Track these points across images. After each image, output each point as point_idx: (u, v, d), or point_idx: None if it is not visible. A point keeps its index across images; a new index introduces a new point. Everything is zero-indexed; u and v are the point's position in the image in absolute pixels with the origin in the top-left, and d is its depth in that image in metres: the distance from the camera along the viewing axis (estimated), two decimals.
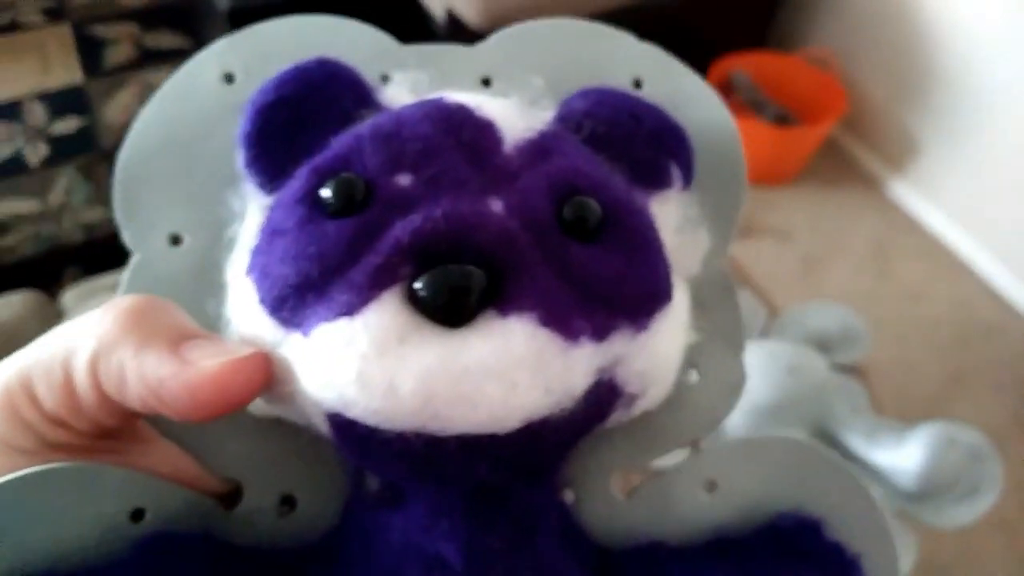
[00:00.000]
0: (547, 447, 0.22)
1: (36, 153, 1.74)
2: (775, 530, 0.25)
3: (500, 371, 0.19)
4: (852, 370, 0.87)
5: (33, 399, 0.21)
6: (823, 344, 0.85)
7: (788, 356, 0.77)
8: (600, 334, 0.21)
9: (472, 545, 0.21)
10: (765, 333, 0.89)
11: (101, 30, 1.96)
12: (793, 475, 0.25)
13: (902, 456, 0.77)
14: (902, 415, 0.82)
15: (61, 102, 1.80)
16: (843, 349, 0.87)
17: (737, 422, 0.76)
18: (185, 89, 0.27)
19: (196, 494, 0.23)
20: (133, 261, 0.26)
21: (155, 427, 0.25)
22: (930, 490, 0.77)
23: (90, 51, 1.88)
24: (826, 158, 2.07)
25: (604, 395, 0.22)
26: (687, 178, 0.26)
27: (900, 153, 1.99)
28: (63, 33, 2.08)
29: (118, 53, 1.85)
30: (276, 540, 0.24)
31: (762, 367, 0.77)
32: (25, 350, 0.21)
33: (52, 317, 1.06)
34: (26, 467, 0.21)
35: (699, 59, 1.92)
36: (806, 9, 2.09)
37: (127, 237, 0.26)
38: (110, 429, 0.23)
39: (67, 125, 1.78)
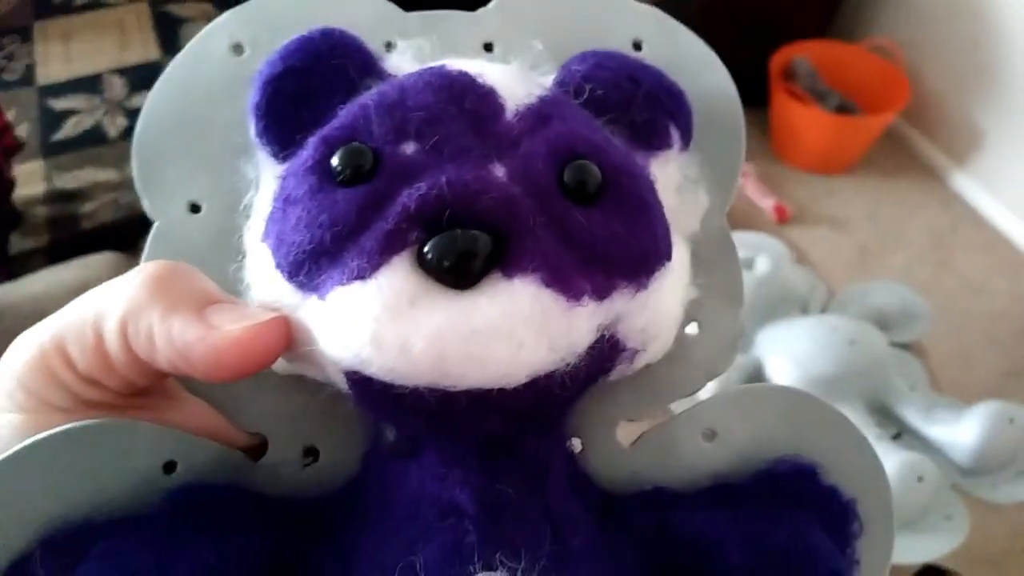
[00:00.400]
0: (553, 399, 0.23)
1: (115, 125, 1.80)
2: (773, 475, 0.25)
3: (507, 330, 0.20)
4: (911, 348, 0.88)
5: (67, 360, 0.22)
6: (883, 322, 0.86)
7: (848, 329, 0.78)
8: (601, 293, 0.22)
9: (484, 492, 0.22)
10: (824, 310, 0.90)
11: (177, 9, 2.02)
12: (790, 423, 0.26)
13: (959, 431, 0.78)
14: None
15: (139, 77, 1.86)
16: (903, 327, 0.88)
17: None
18: (195, 61, 0.28)
19: (224, 447, 0.24)
20: (154, 228, 0.27)
21: (184, 385, 0.26)
22: (986, 466, 0.77)
23: (167, 28, 1.93)
24: (887, 148, 2.06)
25: (606, 350, 0.23)
26: (686, 139, 0.26)
27: (962, 145, 1.97)
28: (141, 11, 2.14)
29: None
30: (300, 489, 0.25)
31: (822, 339, 0.78)
32: (58, 314, 0.22)
33: None
34: (63, 424, 0.22)
35: (762, 47, 1.92)
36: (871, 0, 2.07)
37: (147, 206, 0.27)
38: (141, 387, 0.23)
39: (144, 99, 1.84)
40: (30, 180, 1.74)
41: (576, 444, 0.26)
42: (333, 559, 0.23)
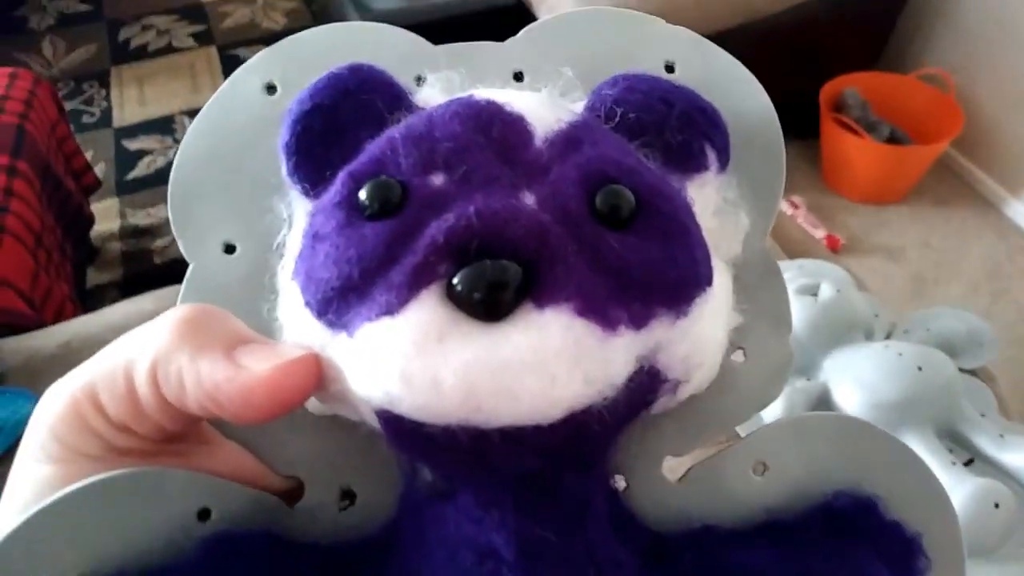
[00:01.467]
0: (592, 436, 0.22)
1: None
2: (829, 510, 0.24)
3: (539, 363, 0.19)
4: (978, 374, 0.88)
5: (98, 407, 0.21)
6: (948, 348, 0.85)
7: (915, 355, 0.78)
8: (638, 322, 0.21)
9: (522, 534, 0.21)
10: (889, 336, 0.90)
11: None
12: (846, 453, 0.25)
13: None
14: None
15: None
16: (969, 353, 0.87)
17: (867, 417, 0.75)
18: (230, 102, 0.28)
19: (259, 492, 0.24)
20: (190, 270, 0.27)
21: (218, 429, 0.25)
22: None
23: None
24: (939, 178, 2.05)
25: (647, 382, 0.22)
26: (723, 160, 0.25)
27: (1016, 173, 1.96)
28: (211, 55, 2.24)
29: None
30: (337, 534, 0.25)
31: (889, 364, 0.77)
32: (89, 362, 0.22)
33: None
34: (95, 473, 0.21)
35: (813, 78, 1.93)
36: (921, 29, 2.08)
37: (183, 247, 0.27)
38: (174, 433, 0.23)
39: None
40: (106, 217, 1.82)
41: (620, 482, 0.26)
42: None
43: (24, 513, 0.21)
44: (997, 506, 0.69)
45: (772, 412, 0.27)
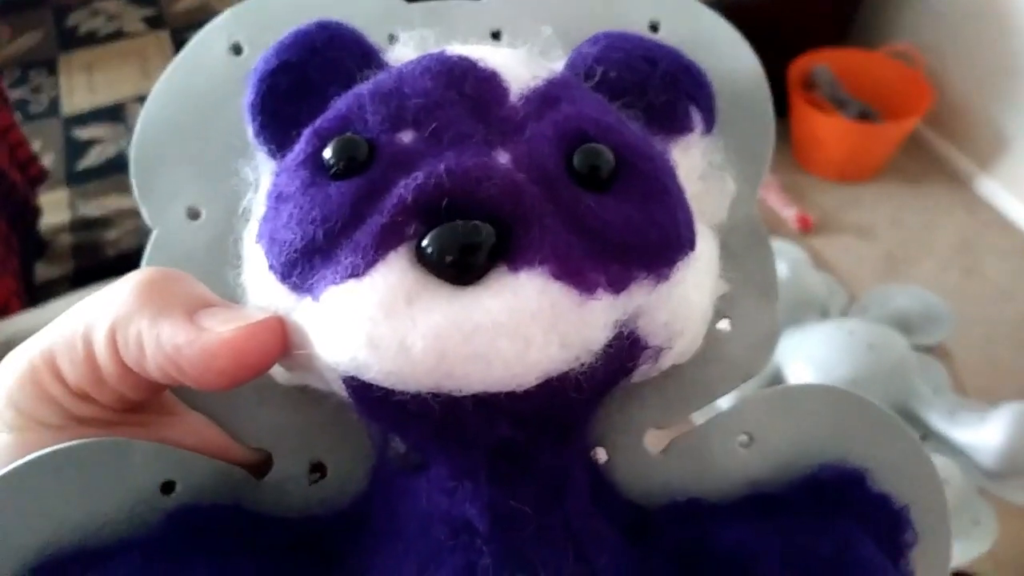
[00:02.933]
0: (569, 403, 0.21)
1: None
2: (816, 482, 0.24)
3: (513, 327, 0.19)
4: (934, 352, 0.87)
5: (57, 374, 0.21)
6: (905, 325, 0.85)
7: (868, 333, 0.77)
8: (617, 286, 0.20)
9: (497, 507, 0.21)
10: (845, 314, 0.89)
11: None
12: (833, 425, 0.24)
13: (984, 434, 0.76)
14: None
15: None
16: (925, 330, 0.87)
17: None
18: (194, 63, 0.27)
19: (226, 465, 0.23)
20: (153, 236, 0.26)
21: (183, 399, 0.25)
22: (1012, 468, 0.76)
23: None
24: (910, 155, 2.04)
25: (626, 348, 0.21)
26: (709, 121, 0.25)
27: (987, 150, 1.95)
28: (163, 40, 2.19)
29: None
30: (307, 508, 0.24)
31: (841, 343, 0.77)
32: (47, 327, 0.21)
33: None
34: (55, 443, 0.21)
35: (781, 55, 1.91)
36: (890, 5, 2.06)
37: (146, 214, 0.26)
38: (136, 402, 0.23)
39: None
40: (55, 209, 1.78)
41: (601, 454, 0.25)
42: None
43: None
44: (945, 483, 0.68)
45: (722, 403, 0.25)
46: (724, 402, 0.26)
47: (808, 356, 0.78)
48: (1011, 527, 1.10)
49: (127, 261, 1.72)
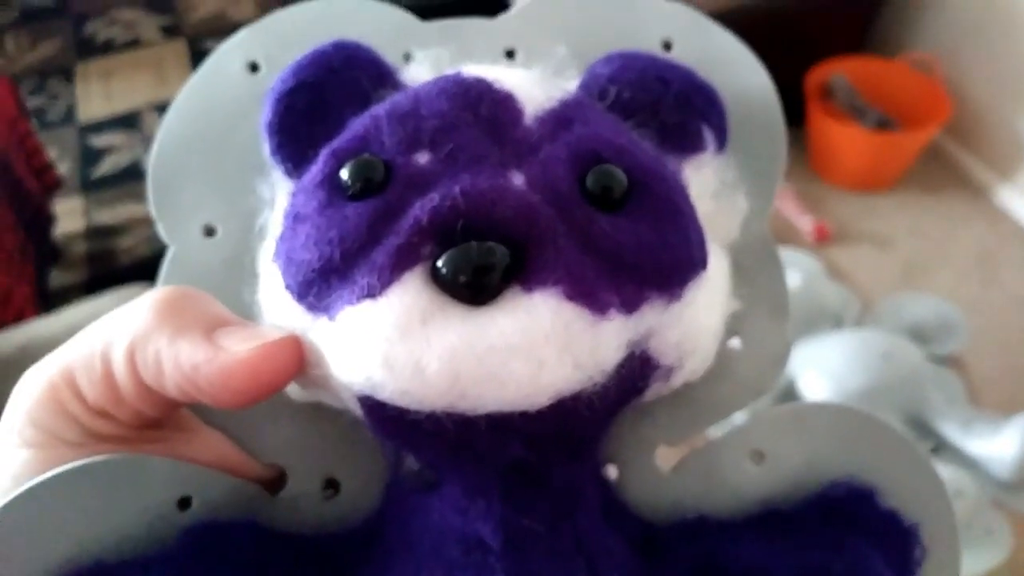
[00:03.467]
0: (582, 423, 0.21)
1: None
2: (826, 500, 0.24)
3: (526, 348, 0.19)
4: (949, 361, 0.86)
5: (76, 392, 0.21)
6: (919, 335, 0.85)
7: (881, 343, 0.77)
8: (630, 306, 0.21)
9: (509, 525, 0.21)
10: (860, 323, 0.88)
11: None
12: (843, 442, 0.25)
13: (998, 445, 0.75)
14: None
15: None
16: (940, 340, 0.86)
17: None
18: (211, 81, 0.27)
19: (241, 481, 0.24)
20: (169, 254, 0.26)
21: (199, 415, 0.25)
22: None
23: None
24: (929, 164, 2.02)
25: (638, 368, 0.22)
26: (721, 140, 0.25)
27: (1007, 160, 1.93)
28: (179, 49, 2.21)
29: None
30: (321, 524, 0.24)
31: (855, 353, 0.76)
32: (66, 345, 0.22)
33: None
34: (74, 459, 0.21)
35: (799, 64, 1.90)
36: (908, 13, 2.05)
37: (162, 230, 0.26)
38: (153, 419, 0.23)
39: None
40: (70, 216, 1.80)
41: (612, 471, 0.25)
42: None
43: (0, 499, 0.20)
44: (960, 495, 0.68)
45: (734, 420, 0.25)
46: (735, 420, 0.26)
47: (822, 366, 0.77)
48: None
49: (141, 269, 1.73)
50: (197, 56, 2.07)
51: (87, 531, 0.21)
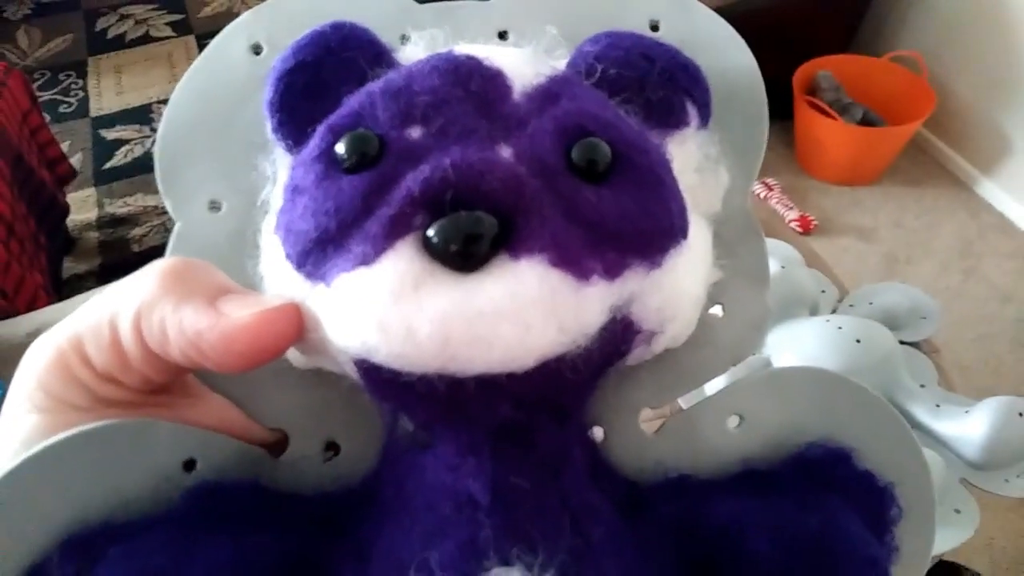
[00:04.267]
0: (567, 384, 0.22)
1: None
2: (804, 460, 0.25)
3: (513, 312, 0.20)
4: (922, 347, 0.89)
5: (84, 358, 0.22)
6: (892, 322, 0.86)
7: (856, 328, 0.79)
8: (612, 272, 0.21)
9: (498, 482, 0.21)
10: (835, 310, 0.91)
11: None
12: (821, 405, 0.25)
13: (967, 426, 0.77)
14: None
15: None
16: (913, 327, 0.88)
17: None
18: (215, 63, 0.28)
19: (244, 444, 0.24)
20: (176, 228, 0.27)
21: (204, 381, 0.26)
22: (995, 460, 0.77)
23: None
24: (912, 159, 2.06)
25: (620, 332, 0.22)
26: (704, 116, 0.26)
27: (989, 154, 1.97)
28: (189, 44, 2.24)
29: None
30: (321, 485, 0.25)
31: (830, 338, 0.78)
32: (75, 314, 0.22)
33: None
34: (82, 423, 0.22)
35: (787, 62, 1.93)
36: (893, 13, 2.09)
37: (170, 207, 0.27)
38: (160, 385, 0.23)
39: None
40: (83, 207, 1.83)
41: (598, 433, 0.26)
42: (351, 557, 0.22)
43: (10, 462, 0.21)
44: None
45: (715, 385, 0.27)
46: (717, 384, 0.27)
47: (797, 350, 0.79)
48: (1003, 519, 1.09)
49: (152, 257, 1.76)
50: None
51: (96, 492, 0.21)
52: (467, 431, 0.22)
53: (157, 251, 0.25)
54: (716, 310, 0.27)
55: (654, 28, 0.29)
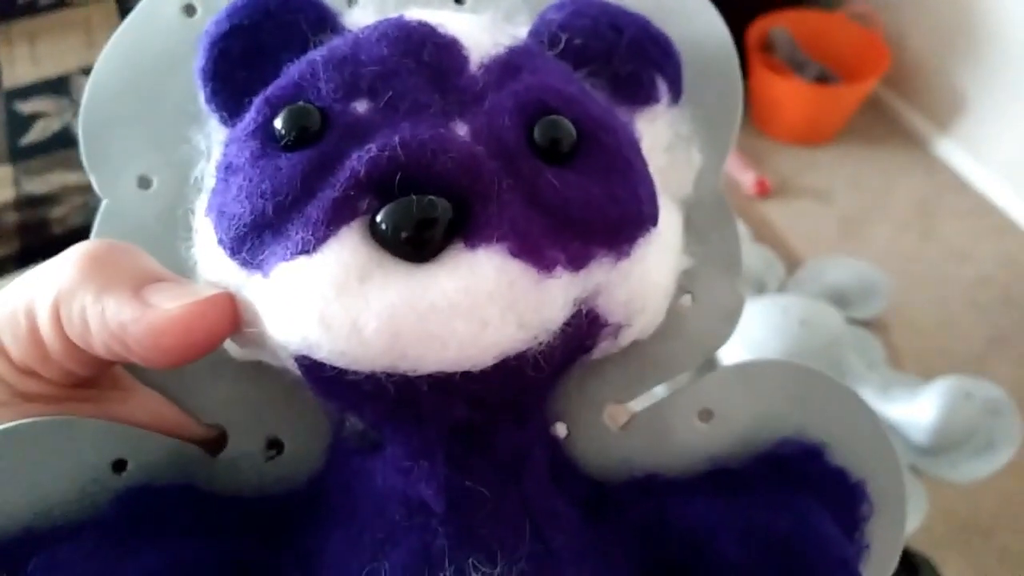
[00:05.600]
0: (527, 383, 0.21)
1: None
2: (775, 457, 0.24)
3: (469, 307, 0.18)
4: (871, 325, 0.86)
5: (0, 350, 0.21)
6: (841, 299, 0.84)
7: (800, 309, 0.76)
8: (577, 263, 0.20)
9: (453, 487, 0.20)
10: (783, 288, 0.88)
11: None
12: (792, 399, 0.24)
13: (916, 410, 0.75)
14: (943, 375, 0.80)
15: None
16: (861, 303, 0.86)
17: None
18: (145, 26, 0.26)
19: (179, 442, 0.23)
20: (102, 207, 0.25)
21: (134, 374, 0.24)
22: (944, 444, 0.75)
23: None
24: (868, 117, 2.04)
25: (585, 327, 0.21)
26: (675, 92, 0.24)
27: (945, 111, 1.95)
28: (108, 9, 2.13)
29: None
30: (263, 486, 0.23)
31: (774, 320, 0.76)
32: None
33: None
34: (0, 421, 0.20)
35: (739, 18, 1.89)
36: None
37: (95, 182, 0.25)
38: (84, 378, 0.22)
39: None
40: None
41: (561, 429, 0.25)
42: (295, 566, 0.21)
43: None
44: None
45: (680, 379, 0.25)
46: (685, 377, 0.26)
47: (741, 335, 0.76)
48: (966, 511, 1.09)
49: (75, 239, 1.70)
50: (127, 16, 2.01)
51: (14, 497, 0.20)
52: (419, 432, 0.21)
53: (81, 232, 0.21)
54: (686, 300, 0.25)
55: None
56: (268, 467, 0.24)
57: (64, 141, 1.81)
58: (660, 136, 0.24)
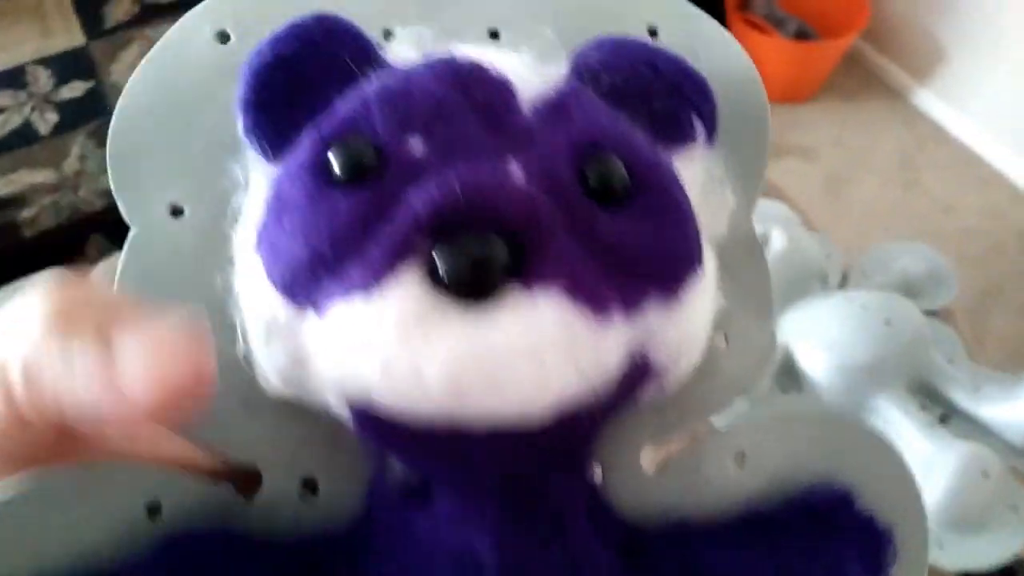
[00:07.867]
0: (581, 430, 0.21)
1: (45, 121, 1.69)
2: (807, 503, 0.24)
3: (530, 351, 0.18)
4: (940, 315, 0.83)
5: None
6: (909, 289, 0.81)
7: (881, 307, 0.73)
8: (631, 307, 0.20)
9: (506, 540, 0.20)
10: (846, 277, 0.85)
11: None
12: (825, 447, 0.25)
13: (1012, 409, 0.72)
14: None
15: (65, 66, 1.74)
16: (930, 294, 0.83)
17: (835, 381, 0.72)
18: (177, 51, 0.25)
19: (212, 484, 0.22)
20: (131, 235, 0.24)
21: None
22: None
23: (89, 10, 1.79)
24: (849, 72, 2.04)
25: (638, 372, 0.21)
26: (711, 131, 0.24)
27: (925, 63, 1.96)
28: None
29: (118, 10, 1.78)
30: (299, 528, 0.23)
31: (854, 321, 0.72)
32: None
33: None
34: (23, 472, 0.20)
35: None
36: None
37: (124, 209, 0.24)
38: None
39: (74, 90, 1.72)
40: None
41: (596, 472, 0.24)
42: None
43: None
44: (986, 475, 0.65)
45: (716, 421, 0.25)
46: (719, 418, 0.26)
47: (820, 337, 0.73)
48: None
49: (48, 242, 1.61)
50: (81, 3, 1.89)
51: (50, 549, 0.20)
52: (472, 483, 0.21)
53: (52, 233, 0.17)
54: (720, 340, 0.25)
55: (652, 33, 0.27)
56: (304, 509, 0.23)
57: (25, 137, 1.69)
58: (696, 176, 0.24)
